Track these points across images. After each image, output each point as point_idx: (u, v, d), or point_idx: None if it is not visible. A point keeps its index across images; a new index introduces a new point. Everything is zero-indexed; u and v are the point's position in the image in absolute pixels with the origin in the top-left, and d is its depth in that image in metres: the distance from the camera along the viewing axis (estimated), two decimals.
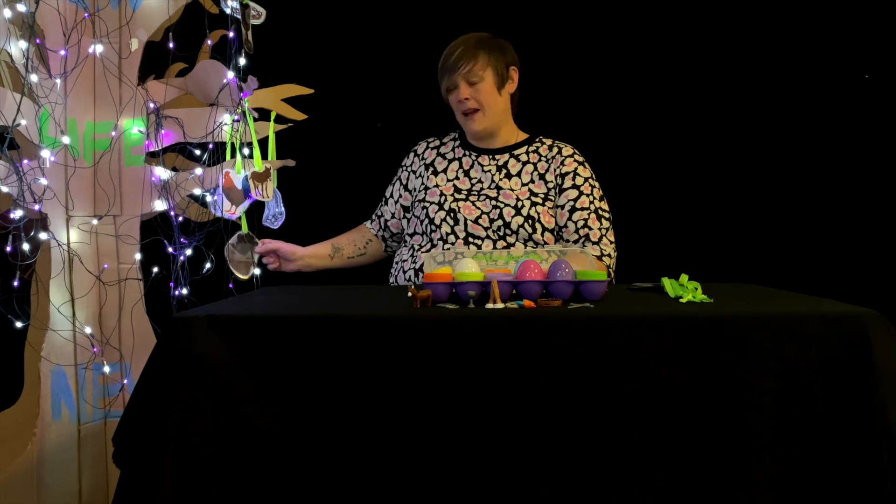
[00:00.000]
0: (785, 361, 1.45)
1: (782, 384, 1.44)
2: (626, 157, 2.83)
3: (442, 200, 2.34)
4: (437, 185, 2.39)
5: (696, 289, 1.70)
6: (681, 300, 1.65)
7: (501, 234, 2.29)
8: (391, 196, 2.53)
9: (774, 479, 1.44)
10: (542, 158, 2.38)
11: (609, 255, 2.31)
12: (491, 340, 1.46)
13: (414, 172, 2.48)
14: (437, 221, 2.32)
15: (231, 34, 2.32)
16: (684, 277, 1.77)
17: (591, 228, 2.32)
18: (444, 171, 2.42)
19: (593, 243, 2.30)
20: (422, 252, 2.33)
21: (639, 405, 1.45)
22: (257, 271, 2.32)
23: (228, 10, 2.27)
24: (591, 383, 1.45)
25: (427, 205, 2.36)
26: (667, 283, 1.76)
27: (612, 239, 2.35)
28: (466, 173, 2.39)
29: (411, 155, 2.52)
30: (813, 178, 2.85)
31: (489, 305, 1.58)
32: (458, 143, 2.46)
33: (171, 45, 2.34)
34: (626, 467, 1.45)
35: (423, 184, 2.42)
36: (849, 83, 2.83)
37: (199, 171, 2.33)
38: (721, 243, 2.85)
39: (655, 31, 2.87)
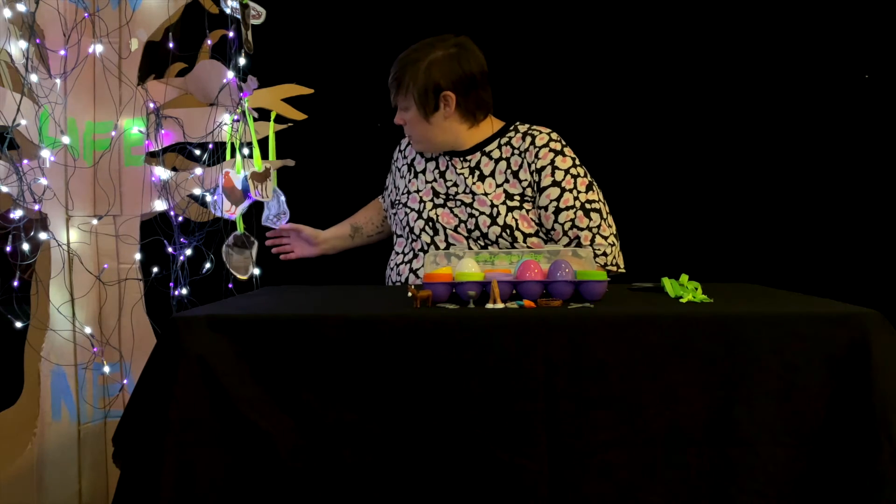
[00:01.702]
0: (785, 361, 1.45)
1: (782, 384, 1.44)
2: (627, 157, 2.83)
3: (421, 208, 2.28)
4: (417, 191, 2.32)
5: (696, 289, 1.70)
6: (681, 300, 1.65)
7: (482, 244, 2.22)
8: (386, 188, 2.53)
9: (774, 479, 1.44)
10: (515, 151, 2.25)
11: (605, 254, 2.20)
12: (491, 340, 1.46)
13: (399, 170, 2.44)
14: (417, 231, 2.27)
15: (231, 34, 2.32)
16: (684, 277, 1.77)
17: (580, 229, 2.19)
18: (423, 171, 2.35)
19: (586, 246, 2.20)
20: (404, 265, 2.30)
21: (639, 405, 1.45)
22: (257, 271, 2.32)
23: (228, 10, 2.27)
24: (590, 383, 1.45)
25: (408, 211, 2.31)
26: (667, 283, 1.76)
27: (607, 233, 2.21)
28: (442, 175, 2.31)
29: (396, 150, 2.50)
30: (813, 178, 2.85)
31: (489, 305, 1.58)
32: None
33: (171, 45, 2.34)
34: (627, 467, 1.45)
35: (405, 186, 2.37)
36: (849, 83, 2.83)
37: (199, 171, 2.33)
38: (721, 243, 2.85)
39: (659, 32, 2.87)
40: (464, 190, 2.27)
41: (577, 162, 2.26)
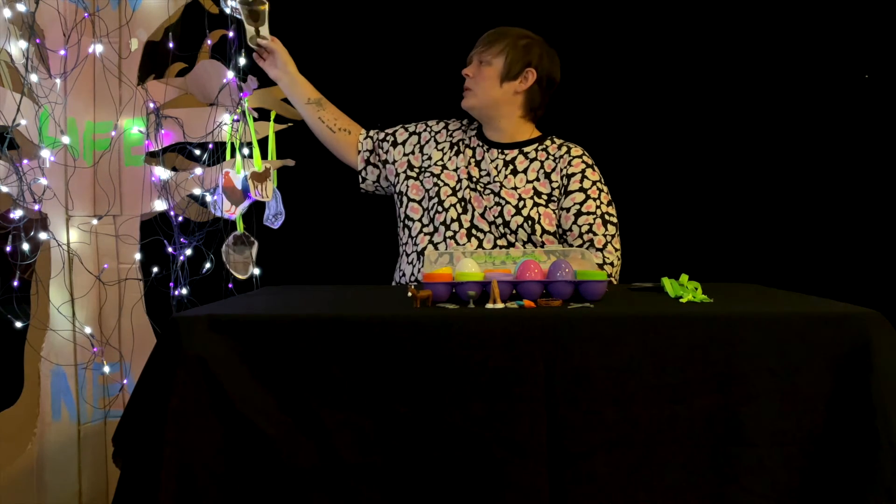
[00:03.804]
0: (785, 361, 1.45)
1: (782, 384, 1.45)
2: (627, 157, 2.83)
3: (457, 187, 2.35)
4: (455, 169, 2.39)
5: (696, 289, 1.70)
6: (681, 300, 1.65)
7: (502, 231, 2.30)
8: (388, 132, 2.51)
9: (774, 479, 1.44)
10: (550, 157, 2.37)
11: (611, 264, 2.29)
12: (491, 340, 1.46)
13: (437, 142, 2.46)
14: (447, 205, 2.33)
15: (231, 34, 2.32)
16: (684, 277, 1.77)
17: (595, 234, 2.29)
18: (462, 153, 2.42)
19: (597, 250, 2.28)
20: (423, 235, 2.35)
21: (639, 405, 1.45)
22: (257, 271, 2.32)
23: (228, 10, 2.28)
24: (590, 383, 1.45)
25: (440, 184, 2.36)
26: (667, 283, 1.76)
27: (618, 246, 2.32)
28: (478, 164, 2.39)
29: (441, 124, 2.50)
30: (813, 178, 2.85)
31: (489, 305, 1.58)
32: (475, 132, 2.46)
33: (171, 45, 2.34)
34: (627, 467, 1.45)
35: (442, 160, 2.41)
36: (849, 83, 2.83)
37: (198, 171, 2.33)
38: (721, 243, 2.85)
39: (658, 32, 2.87)
40: (494, 179, 2.35)
41: (603, 181, 2.38)
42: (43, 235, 2.20)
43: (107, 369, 2.31)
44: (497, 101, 2.37)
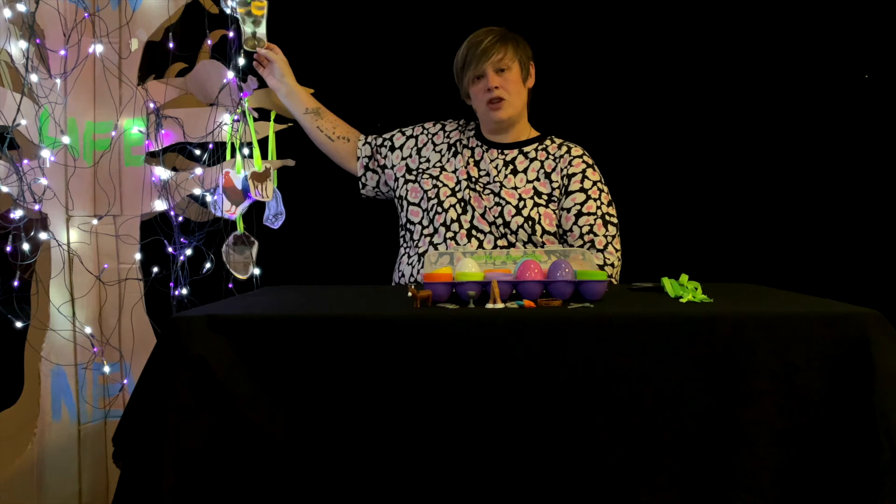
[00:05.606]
0: (785, 361, 1.45)
1: (782, 384, 1.45)
2: (627, 157, 2.83)
3: (457, 188, 2.34)
4: (454, 171, 2.38)
5: (696, 289, 1.70)
6: (681, 300, 1.65)
7: (502, 232, 2.29)
8: (386, 137, 2.51)
9: (775, 479, 1.44)
10: (551, 157, 2.37)
11: (612, 265, 2.29)
12: (491, 340, 1.47)
13: (434, 143, 2.45)
14: (447, 206, 2.32)
15: (231, 34, 2.32)
16: (684, 277, 1.77)
17: (596, 235, 2.29)
18: (460, 153, 2.41)
19: (598, 251, 2.28)
20: (424, 238, 2.34)
21: (639, 405, 1.45)
22: (257, 271, 2.32)
23: (228, 10, 2.28)
24: (591, 383, 1.45)
25: (439, 185, 2.35)
26: (667, 283, 1.76)
27: (618, 247, 2.32)
28: (477, 164, 2.39)
29: (437, 124, 2.50)
30: (813, 177, 2.85)
31: (489, 305, 1.58)
32: (473, 132, 2.46)
33: (171, 45, 2.34)
34: (627, 467, 1.45)
35: (440, 161, 2.41)
36: (849, 83, 2.83)
37: (199, 171, 2.34)
38: (721, 243, 2.85)
39: (656, 32, 2.87)
40: (494, 179, 2.35)
41: (604, 181, 2.38)
42: (43, 235, 2.20)
43: (107, 369, 2.31)
44: (522, 104, 2.39)
